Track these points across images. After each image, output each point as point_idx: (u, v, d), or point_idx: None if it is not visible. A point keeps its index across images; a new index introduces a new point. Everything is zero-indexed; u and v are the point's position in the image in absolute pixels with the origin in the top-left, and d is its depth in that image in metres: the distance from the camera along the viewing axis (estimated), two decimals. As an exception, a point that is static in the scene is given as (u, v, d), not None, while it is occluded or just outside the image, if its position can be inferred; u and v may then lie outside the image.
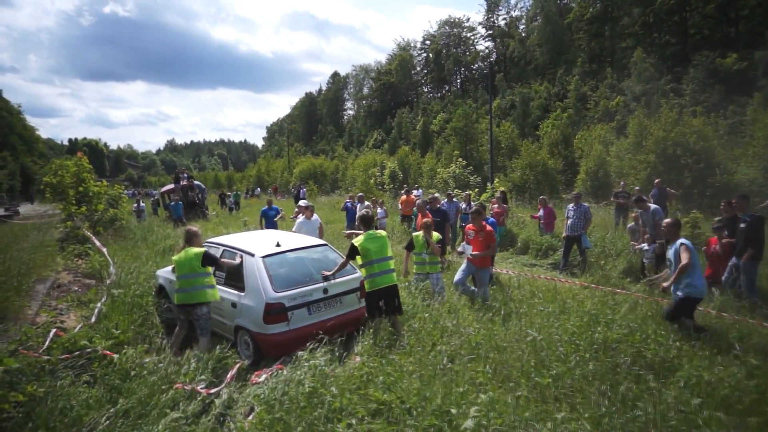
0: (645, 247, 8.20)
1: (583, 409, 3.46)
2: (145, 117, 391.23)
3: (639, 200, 8.21)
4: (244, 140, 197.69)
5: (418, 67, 75.15)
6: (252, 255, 5.59)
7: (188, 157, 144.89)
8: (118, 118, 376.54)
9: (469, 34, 68.27)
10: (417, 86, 75.64)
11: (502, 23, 63.92)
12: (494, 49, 63.53)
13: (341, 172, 40.96)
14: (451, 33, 69.04)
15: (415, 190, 18.74)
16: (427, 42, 72.24)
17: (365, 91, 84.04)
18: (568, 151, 28.46)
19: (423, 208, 8.78)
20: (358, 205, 12.60)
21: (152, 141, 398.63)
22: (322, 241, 6.66)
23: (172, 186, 21.80)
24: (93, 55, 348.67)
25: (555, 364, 4.09)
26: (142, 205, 18.59)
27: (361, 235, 5.52)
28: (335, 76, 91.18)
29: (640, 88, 33.20)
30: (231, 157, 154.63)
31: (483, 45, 66.65)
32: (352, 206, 12.87)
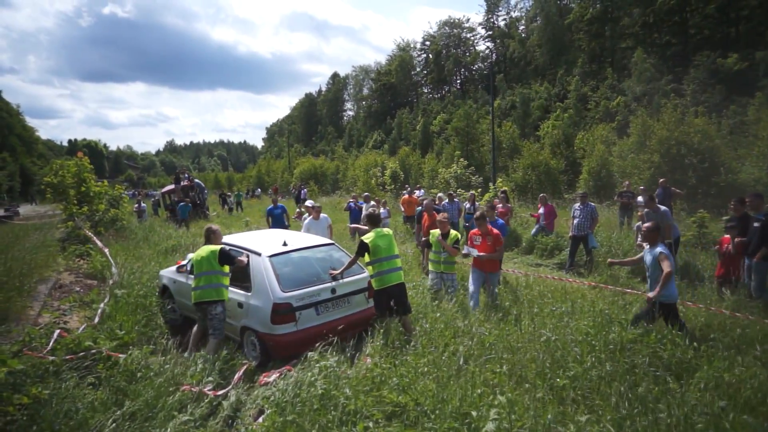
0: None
1: (602, 411, 3.37)
2: (145, 118, 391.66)
3: (651, 200, 8.15)
4: (244, 141, 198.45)
5: (418, 68, 75.12)
6: (259, 254, 5.50)
7: (188, 158, 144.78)
8: (118, 119, 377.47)
9: (469, 35, 68.33)
10: (417, 87, 75.60)
11: (502, 24, 64.02)
12: (494, 50, 63.51)
13: (341, 173, 40.86)
14: (451, 33, 69.02)
15: (417, 191, 18.67)
16: (427, 43, 72.23)
17: (365, 91, 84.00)
18: (570, 152, 28.40)
19: (430, 208, 8.68)
20: (364, 205, 12.54)
21: (152, 142, 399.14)
22: (329, 240, 6.58)
23: (173, 186, 21.71)
24: (92, 56, 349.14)
25: (571, 365, 4.00)
26: (143, 205, 18.50)
27: (371, 233, 5.45)
28: (335, 76, 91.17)
29: (641, 89, 33.19)
30: (231, 158, 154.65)
31: (483, 45, 66.76)
32: (355, 206, 12.80)
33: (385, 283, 5.28)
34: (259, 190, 44.27)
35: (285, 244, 5.79)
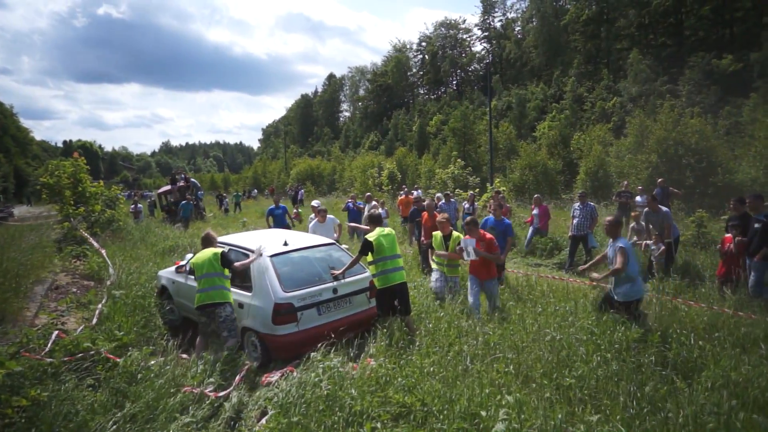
0: (652, 246, 8.17)
1: (610, 411, 3.34)
2: (140, 119, 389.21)
3: (653, 200, 8.18)
4: (240, 142, 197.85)
5: (414, 69, 75.06)
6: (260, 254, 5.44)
7: (183, 159, 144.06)
8: (113, 120, 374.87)
9: (465, 36, 68.36)
10: (413, 88, 75.52)
11: (498, 25, 64.12)
12: (490, 51, 63.62)
13: (338, 174, 40.80)
14: (447, 35, 69.02)
15: (415, 191, 18.63)
16: (423, 43, 72.19)
17: (361, 92, 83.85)
18: (566, 152, 28.47)
19: (432, 208, 8.63)
20: (365, 206, 12.50)
21: (147, 143, 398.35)
22: (330, 240, 6.52)
23: (169, 187, 21.59)
24: (87, 57, 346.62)
25: (577, 365, 3.97)
26: (140, 206, 18.39)
27: (374, 231, 5.41)
28: (331, 77, 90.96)
29: (637, 90, 33.35)
30: (226, 159, 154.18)
31: (479, 46, 66.82)
32: (354, 206, 12.77)
33: (389, 282, 5.25)
34: (256, 191, 44.16)
35: (286, 244, 5.74)
